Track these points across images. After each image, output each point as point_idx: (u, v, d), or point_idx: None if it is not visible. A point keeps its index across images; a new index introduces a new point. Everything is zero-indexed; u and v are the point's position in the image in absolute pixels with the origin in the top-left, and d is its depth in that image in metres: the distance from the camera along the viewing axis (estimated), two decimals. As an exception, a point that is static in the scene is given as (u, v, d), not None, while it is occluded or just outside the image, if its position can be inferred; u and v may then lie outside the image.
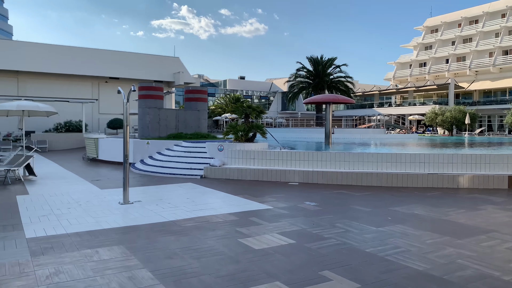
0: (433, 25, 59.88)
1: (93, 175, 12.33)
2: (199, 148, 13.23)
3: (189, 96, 18.00)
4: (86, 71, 35.65)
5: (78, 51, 36.32)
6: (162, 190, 9.37)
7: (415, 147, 16.93)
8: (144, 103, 16.63)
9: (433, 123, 45.68)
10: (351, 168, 10.82)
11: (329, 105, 16.63)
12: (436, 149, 15.00)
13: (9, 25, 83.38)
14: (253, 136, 12.78)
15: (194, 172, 11.70)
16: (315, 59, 36.05)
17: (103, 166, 15.13)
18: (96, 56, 36.64)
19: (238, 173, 11.16)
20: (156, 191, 9.23)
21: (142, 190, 9.26)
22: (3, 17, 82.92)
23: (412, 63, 61.17)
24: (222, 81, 66.02)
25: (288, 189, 9.60)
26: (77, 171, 13.51)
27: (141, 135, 16.64)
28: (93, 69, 35.51)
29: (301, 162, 11.15)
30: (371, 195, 8.78)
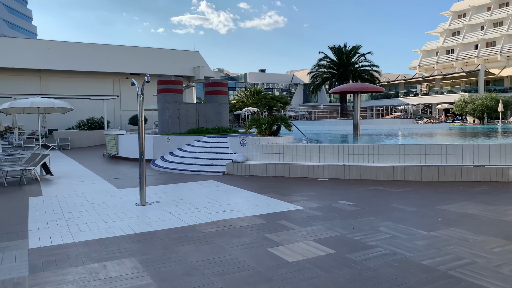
0: (461, 9, 57.33)
1: (112, 173, 11.83)
2: (220, 143, 12.55)
3: (209, 89, 17.34)
4: (107, 68, 35.55)
5: (99, 48, 36.24)
6: (182, 189, 8.73)
7: (450, 137, 15.79)
8: (163, 97, 16.06)
9: (463, 112, 43.77)
10: (385, 161, 9.92)
11: (357, 94, 15.66)
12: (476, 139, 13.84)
13: (33, 26, 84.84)
14: (277, 129, 12.01)
15: (216, 169, 11.03)
16: (338, 48, 34.77)
17: (123, 163, 14.67)
18: (116, 53, 36.50)
19: (263, 169, 10.42)
20: (176, 190, 8.60)
21: (161, 189, 8.65)
22: (27, 18, 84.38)
23: (438, 50, 58.87)
24: (243, 74, 65.33)
25: (317, 186, 8.80)
26: (96, 169, 13.06)
27: (161, 130, 16.10)
28: (114, 66, 35.36)
29: (330, 156, 10.32)
30: (412, 191, 7.90)
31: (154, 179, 10.27)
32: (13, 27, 75.02)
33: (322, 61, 35.90)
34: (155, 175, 11.18)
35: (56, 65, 33.53)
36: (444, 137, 15.98)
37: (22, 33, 73.24)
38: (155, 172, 11.72)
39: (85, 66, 34.27)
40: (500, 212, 6.03)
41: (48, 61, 33.26)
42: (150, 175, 11.16)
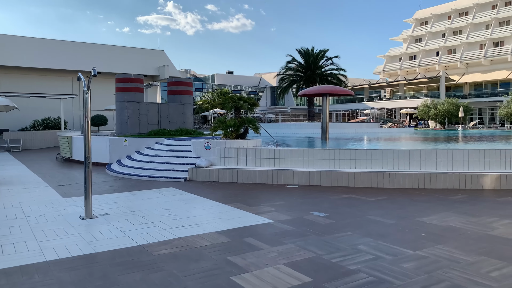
0: (423, 17, 58.94)
1: (61, 179, 10.69)
2: (183, 146, 11.67)
3: (172, 89, 16.38)
4: (66, 65, 33.64)
5: (58, 44, 34.28)
6: (137, 198, 7.81)
7: (418, 142, 15.62)
8: (122, 96, 14.97)
9: (425, 117, 44.79)
10: (357, 167, 9.40)
11: (325, 97, 15.21)
12: (446, 144, 13.69)
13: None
14: (244, 132, 11.28)
15: (177, 175, 10.15)
16: (305, 51, 34.55)
17: (76, 168, 13.47)
18: (77, 50, 34.66)
19: (229, 175, 9.65)
20: (129, 199, 7.67)
21: (112, 199, 7.69)
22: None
23: (402, 56, 60.23)
24: (210, 75, 64.24)
25: (287, 193, 8.13)
26: (44, 174, 11.84)
27: (119, 132, 15.00)
28: (73, 63, 33.48)
29: (300, 161, 9.69)
30: (387, 200, 7.37)
31: (107, 186, 9.27)
32: None
33: (289, 64, 35.57)
34: (109, 181, 10.16)
35: (10, 61, 31.38)
36: (413, 142, 15.81)
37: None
38: (110, 178, 10.69)
39: (42, 63, 32.30)
40: (485, 225, 5.56)
41: (1, 57, 31.06)
42: (103, 181, 10.13)
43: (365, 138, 18.88)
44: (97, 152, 13.93)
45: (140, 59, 36.76)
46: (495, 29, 48.93)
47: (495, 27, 49.13)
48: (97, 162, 13.88)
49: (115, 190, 8.76)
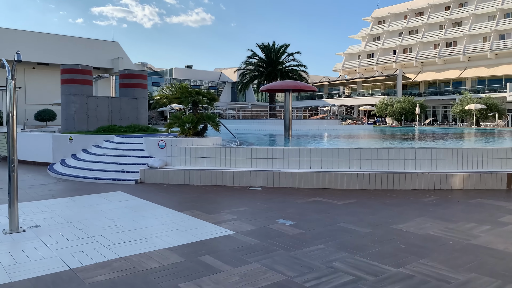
0: (381, 16, 60.13)
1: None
2: (134, 144, 10.67)
3: (124, 82, 15.20)
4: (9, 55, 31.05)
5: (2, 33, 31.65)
6: (78, 205, 6.81)
7: (382, 140, 15.43)
8: (68, 89, 13.64)
9: (383, 114, 45.69)
10: (324, 167, 8.85)
11: (288, 93, 14.63)
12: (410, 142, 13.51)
13: None
14: (203, 129, 10.46)
15: (127, 176, 9.16)
16: (266, 46, 33.93)
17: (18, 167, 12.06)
18: (22, 39, 32.17)
19: (185, 177, 8.80)
20: (68, 206, 6.66)
21: (49, 206, 6.65)
22: None
23: (360, 54, 61.18)
24: (168, 69, 62.39)
25: (250, 197, 7.42)
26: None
27: (65, 128, 13.67)
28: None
29: (263, 161, 9.00)
30: (357, 203, 6.83)
31: (45, 191, 8.15)
32: None
33: (250, 59, 34.86)
34: (49, 184, 9.01)
35: None
36: (376, 140, 15.59)
37: None
38: (50, 180, 9.52)
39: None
40: (465, 232, 5.11)
41: None
42: (42, 184, 8.97)
43: (328, 136, 18.54)
44: (39, 150, 12.60)
45: (92, 50, 34.76)
46: (448, 30, 50.65)
47: (448, 28, 50.85)
48: (38, 161, 12.56)
49: (53, 195, 7.68)
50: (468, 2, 50.03)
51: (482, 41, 47.33)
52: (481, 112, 37.34)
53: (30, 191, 8.10)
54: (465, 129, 31.57)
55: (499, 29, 45.41)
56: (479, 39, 47.70)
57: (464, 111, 38.52)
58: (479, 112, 37.09)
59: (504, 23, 45.43)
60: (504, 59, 44.91)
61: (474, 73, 47.09)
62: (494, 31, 45.51)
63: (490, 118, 38.34)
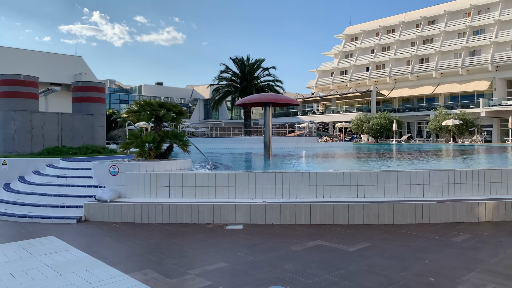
0: (353, 33, 60.22)
1: None
2: (82, 170, 8.59)
3: (78, 95, 13.09)
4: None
5: None
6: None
7: (371, 158, 13.88)
8: (7, 104, 11.43)
9: (359, 130, 44.85)
10: (320, 195, 7.07)
11: (268, 107, 12.93)
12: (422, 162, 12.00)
13: None
14: (168, 149, 8.52)
15: (67, 213, 7.08)
16: (240, 60, 32.38)
17: None
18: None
19: (143, 213, 6.80)
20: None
21: None
22: None
23: (333, 71, 60.84)
24: (137, 86, 59.97)
25: (228, 242, 5.52)
26: None
27: (3, 150, 11.39)
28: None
29: (244, 190, 7.13)
30: (373, 249, 5.06)
31: None
32: None
33: (224, 73, 33.16)
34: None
35: None
36: (368, 159, 14.02)
37: None
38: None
39: None
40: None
41: None
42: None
43: (310, 155, 16.90)
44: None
45: (52, 65, 32.25)
46: (420, 46, 50.89)
47: (420, 44, 51.12)
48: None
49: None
50: (438, 19, 50.61)
51: (453, 57, 47.65)
52: (458, 127, 36.91)
53: None
54: (443, 145, 30.77)
55: (470, 46, 45.84)
56: (451, 56, 48.03)
57: (440, 127, 38.00)
58: (455, 127, 36.64)
59: (474, 40, 45.93)
60: (476, 75, 45.20)
61: (447, 89, 47.17)
62: (464, 47, 45.88)
63: (466, 134, 37.98)
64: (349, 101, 57.69)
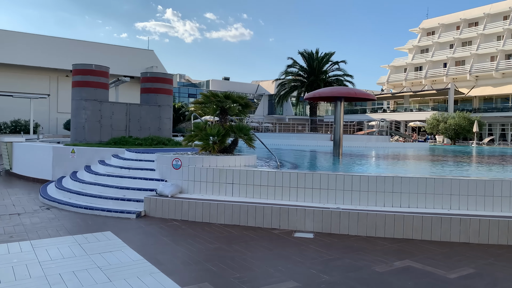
0: (430, 27, 56.22)
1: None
2: (145, 162, 8.30)
3: (146, 86, 13.05)
4: (43, 63, 30.30)
5: (35, 39, 31.01)
6: (30, 259, 4.41)
7: (460, 162, 12.31)
8: (78, 93, 11.62)
9: (434, 131, 41.71)
10: (405, 204, 6.06)
11: (340, 102, 11.95)
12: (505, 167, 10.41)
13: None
14: (232, 144, 7.95)
15: (127, 206, 6.77)
16: (309, 53, 31.28)
17: (11, 185, 10.04)
18: (56, 46, 31.35)
19: (204, 211, 6.27)
20: (12, 264, 4.28)
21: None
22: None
23: (407, 66, 57.32)
24: (205, 81, 61.22)
25: (297, 253, 4.77)
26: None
27: (74, 139, 11.61)
28: (51, 61, 30.16)
29: (315, 193, 6.33)
30: (479, 276, 4.03)
31: (11, 225, 5.85)
32: None
33: (290, 68, 32.26)
34: (26, 213, 6.73)
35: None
36: (451, 162, 12.48)
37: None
38: (33, 207, 7.26)
39: (16, 59, 28.93)
40: None
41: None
42: (19, 212, 6.70)
43: (386, 156, 15.57)
44: (39, 165, 10.55)
45: (126, 58, 33.54)
46: (507, 41, 46.13)
47: (507, 38, 46.34)
48: (38, 178, 10.50)
49: (13, 235, 5.34)
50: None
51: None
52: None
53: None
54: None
55: None
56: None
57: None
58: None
59: None
60: None
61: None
62: None
63: None
64: (423, 99, 54.02)
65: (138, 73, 34.33)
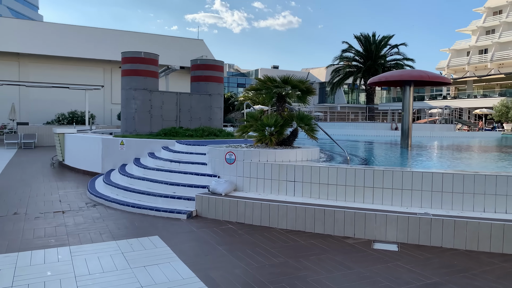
0: (496, 5, 51.48)
1: (17, 201, 6.97)
2: (196, 155, 7.59)
3: (196, 74, 12.40)
4: (97, 54, 30.90)
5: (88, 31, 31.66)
6: (65, 272, 3.78)
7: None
8: (128, 82, 11.18)
9: (502, 118, 38.21)
10: (509, 208, 4.85)
11: (409, 86, 10.61)
12: None
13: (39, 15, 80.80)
14: (291, 135, 7.02)
15: (177, 205, 6.08)
16: (365, 37, 29.37)
17: (62, 177, 9.82)
18: (109, 38, 31.87)
19: (263, 213, 5.43)
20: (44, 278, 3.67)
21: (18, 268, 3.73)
22: (33, 6, 79.85)
23: (470, 49, 53.06)
24: (254, 70, 60.54)
25: (383, 275, 3.79)
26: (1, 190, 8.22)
27: (124, 130, 11.22)
28: (105, 52, 30.68)
29: (396, 194, 5.27)
30: None
31: (53, 225, 5.34)
32: (17, 16, 71.07)
33: (345, 53, 30.53)
34: (71, 210, 6.25)
35: (38, 49, 29.01)
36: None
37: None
38: (79, 204, 6.79)
39: (71, 51, 29.68)
40: None
41: (29, 44, 28.76)
42: (64, 210, 6.23)
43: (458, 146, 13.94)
44: (89, 157, 10.25)
45: (177, 48, 33.53)
46: None
47: None
48: (88, 171, 10.20)
49: (52, 239, 4.79)
50: None
51: None
52: None
53: (34, 224, 5.38)
54: None
55: None
56: None
57: None
58: None
59: None
60: None
61: None
62: None
63: None
64: (489, 84, 49.86)
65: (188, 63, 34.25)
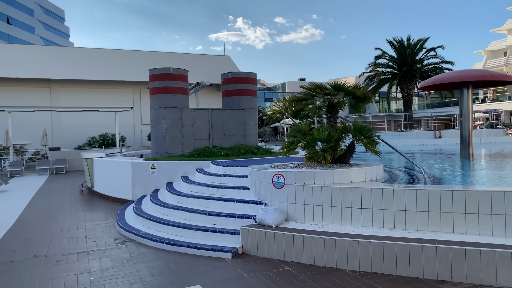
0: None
1: (35, 241, 6.22)
2: (235, 178, 6.64)
3: (228, 89, 11.58)
4: (125, 76, 30.93)
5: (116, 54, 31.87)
6: None
7: None
8: (157, 100, 10.46)
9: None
10: None
11: (467, 89, 9.38)
12: None
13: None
14: (349, 150, 5.97)
15: (219, 241, 5.12)
16: (399, 42, 27.98)
17: (90, 206, 9.09)
18: (137, 59, 31.95)
19: (328, 251, 4.38)
20: None
21: None
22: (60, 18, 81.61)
23: (507, 49, 50.43)
24: (280, 84, 59.85)
25: None
26: (32, 220, 7.53)
27: (155, 152, 10.46)
28: (133, 74, 30.68)
29: (498, 221, 4.12)
30: None
31: (76, 271, 4.48)
32: (48, 28, 73.38)
33: (379, 59, 29.17)
34: (97, 250, 5.39)
35: (68, 74, 29.27)
36: None
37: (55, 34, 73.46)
38: (106, 241, 5.94)
39: (100, 74, 29.84)
40: None
41: (59, 70, 29.08)
42: (89, 250, 5.39)
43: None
44: (118, 182, 9.50)
45: (204, 66, 33.21)
46: None
47: None
48: (117, 197, 9.45)
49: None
50: None
51: None
52: None
53: (53, 272, 4.54)
54: None
55: None
56: None
57: None
58: None
59: None
60: None
61: None
62: None
63: None
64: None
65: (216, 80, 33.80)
